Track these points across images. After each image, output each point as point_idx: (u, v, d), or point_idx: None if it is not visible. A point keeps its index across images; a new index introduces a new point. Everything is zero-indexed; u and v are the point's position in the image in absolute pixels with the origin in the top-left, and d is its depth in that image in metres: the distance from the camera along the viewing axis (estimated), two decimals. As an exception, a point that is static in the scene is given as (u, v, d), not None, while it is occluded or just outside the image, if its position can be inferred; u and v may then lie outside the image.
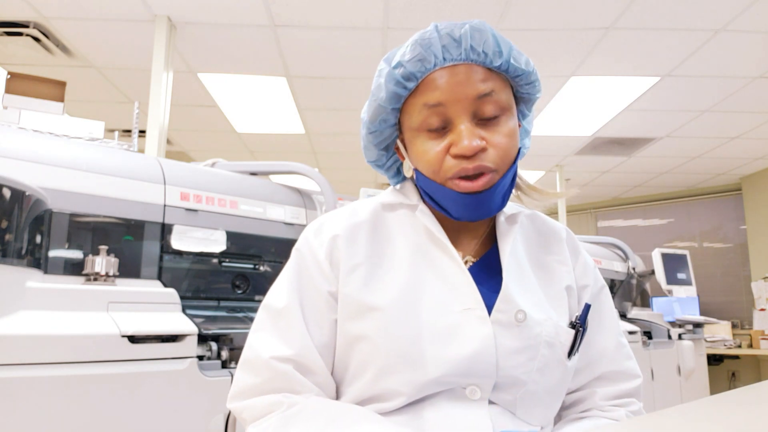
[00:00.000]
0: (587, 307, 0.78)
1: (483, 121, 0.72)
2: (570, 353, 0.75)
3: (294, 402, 0.69)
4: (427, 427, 0.69)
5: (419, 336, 0.70)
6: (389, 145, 0.82)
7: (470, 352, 0.69)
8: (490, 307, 0.72)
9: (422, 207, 0.80)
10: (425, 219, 0.78)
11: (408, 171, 0.80)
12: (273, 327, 0.74)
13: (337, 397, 0.76)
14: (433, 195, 0.76)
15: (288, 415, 0.68)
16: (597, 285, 0.85)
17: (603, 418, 0.79)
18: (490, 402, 0.71)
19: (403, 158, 0.80)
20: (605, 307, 0.85)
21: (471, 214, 0.74)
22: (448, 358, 0.69)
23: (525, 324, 0.72)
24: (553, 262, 0.82)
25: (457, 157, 0.71)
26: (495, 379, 0.70)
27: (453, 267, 0.75)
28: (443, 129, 0.72)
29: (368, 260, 0.75)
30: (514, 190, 0.83)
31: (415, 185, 0.83)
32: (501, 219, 0.81)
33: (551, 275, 0.81)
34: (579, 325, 0.76)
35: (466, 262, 0.78)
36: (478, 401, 0.70)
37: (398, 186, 0.86)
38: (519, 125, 0.80)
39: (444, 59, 0.71)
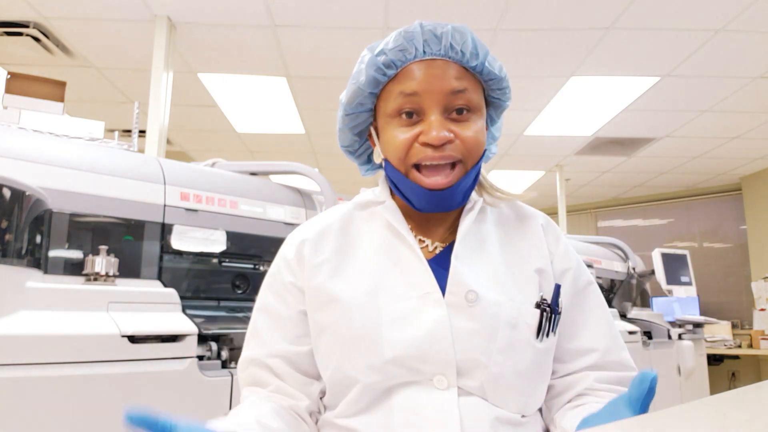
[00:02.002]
0: (557, 288, 0.79)
1: (453, 116, 0.76)
2: (539, 334, 0.75)
3: (248, 398, 0.79)
4: (395, 417, 0.71)
5: (377, 322, 0.74)
6: (363, 132, 0.86)
7: (424, 333, 0.72)
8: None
9: (389, 203, 0.84)
10: (388, 214, 0.82)
11: (378, 158, 0.83)
12: (249, 330, 0.84)
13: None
14: (398, 185, 0.80)
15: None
16: (582, 278, 0.84)
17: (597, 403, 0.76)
18: (462, 392, 0.72)
19: (375, 145, 0.84)
20: (592, 299, 0.84)
21: (432, 208, 0.79)
22: (403, 339, 0.72)
23: (478, 304, 0.74)
24: (526, 246, 0.83)
25: (424, 145, 0.75)
26: (455, 362, 0.71)
27: (412, 257, 0.78)
28: (415, 118, 0.76)
29: (335, 256, 0.81)
30: (477, 189, 0.88)
31: (387, 179, 0.88)
32: (466, 206, 0.84)
33: (522, 258, 0.82)
34: (546, 304, 0.77)
35: (435, 249, 0.82)
36: (446, 390, 0.71)
37: (379, 182, 0.91)
38: (486, 129, 0.84)
39: (424, 52, 0.76)
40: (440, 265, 0.78)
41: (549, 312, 0.77)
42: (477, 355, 0.72)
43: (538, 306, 0.77)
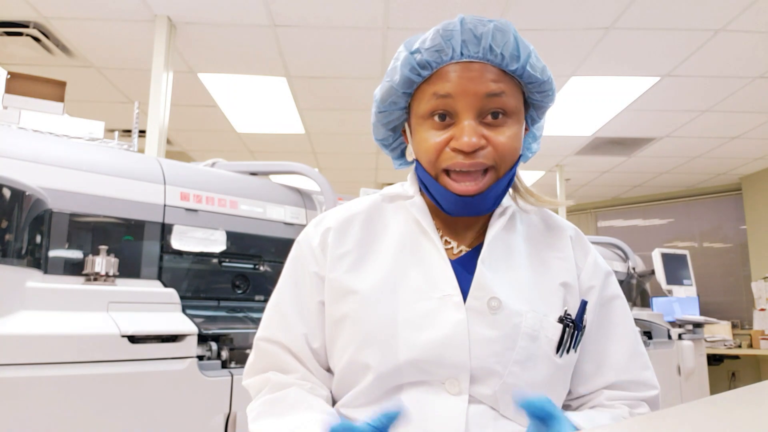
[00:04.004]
0: (583, 304, 0.77)
1: (488, 120, 0.73)
2: (559, 349, 0.74)
3: (280, 382, 0.76)
4: (400, 418, 0.70)
5: (394, 320, 0.72)
6: (397, 127, 0.84)
7: (441, 336, 0.71)
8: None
9: (417, 198, 0.82)
10: (416, 210, 0.80)
11: (410, 155, 0.82)
12: (271, 312, 0.82)
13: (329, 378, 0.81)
14: (428, 187, 0.78)
15: (271, 399, 0.75)
16: (608, 291, 0.82)
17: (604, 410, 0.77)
18: (474, 399, 0.71)
19: (408, 142, 0.82)
20: (618, 314, 0.82)
21: (461, 212, 0.77)
22: (419, 342, 0.71)
23: (500, 312, 0.72)
24: (553, 258, 0.81)
25: (455, 151, 0.73)
26: (469, 368, 0.70)
27: (436, 256, 0.77)
28: (448, 121, 0.74)
29: (357, 248, 0.79)
30: (511, 191, 0.85)
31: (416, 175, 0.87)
32: (496, 211, 0.82)
33: (548, 270, 0.80)
34: (569, 320, 0.75)
35: (460, 252, 0.80)
36: (457, 396, 0.70)
37: (408, 177, 0.89)
38: (527, 129, 0.82)
39: (461, 54, 0.73)
40: (464, 267, 0.76)
41: (572, 328, 0.75)
42: (492, 364, 0.71)
43: (561, 320, 0.75)
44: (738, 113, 4.32)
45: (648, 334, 3.31)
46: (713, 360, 5.34)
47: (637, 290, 3.74)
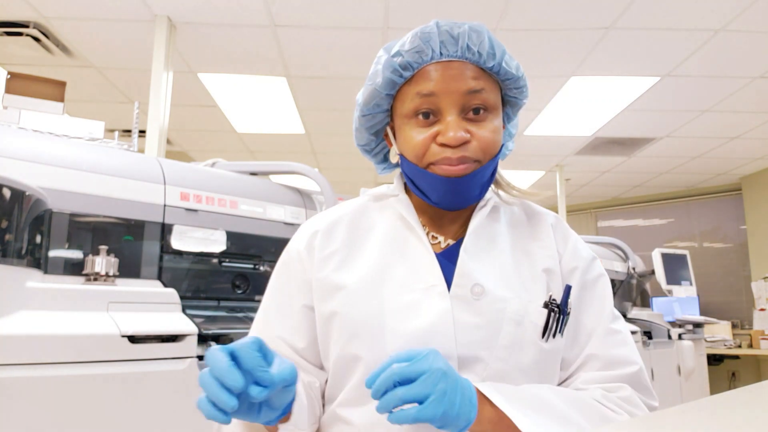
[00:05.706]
0: (567, 289, 0.78)
1: (470, 116, 0.76)
2: (545, 334, 0.74)
3: None
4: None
5: (381, 312, 0.74)
6: (379, 131, 0.86)
7: (427, 325, 0.72)
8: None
9: (402, 197, 0.84)
10: (400, 206, 0.83)
11: (394, 157, 0.84)
12: (259, 313, 0.85)
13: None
14: (415, 180, 0.79)
15: None
16: (592, 272, 0.83)
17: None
18: None
19: (391, 144, 0.84)
20: (598, 294, 0.82)
21: (449, 200, 0.78)
22: (405, 331, 0.72)
23: (484, 299, 0.74)
24: (535, 247, 0.83)
25: (442, 145, 0.75)
26: (456, 355, 0.71)
27: (421, 249, 0.79)
28: (432, 119, 0.76)
29: (344, 247, 0.81)
30: (493, 186, 0.87)
31: (402, 176, 0.89)
32: (479, 204, 0.84)
33: (531, 258, 0.81)
34: (554, 305, 0.76)
35: (446, 245, 0.81)
36: None
37: (394, 179, 0.91)
38: (503, 127, 0.84)
39: (441, 54, 0.76)
40: (449, 259, 0.78)
41: (557, 313, 0.76)
42: (479, 350, 0.72)
43: (546, 306, 0.76)
44: (738, 113, 4.32)
45: (648, 334, 3.31)
46: (713, 360, 5.34)
47: (637, 290, 3.74)
